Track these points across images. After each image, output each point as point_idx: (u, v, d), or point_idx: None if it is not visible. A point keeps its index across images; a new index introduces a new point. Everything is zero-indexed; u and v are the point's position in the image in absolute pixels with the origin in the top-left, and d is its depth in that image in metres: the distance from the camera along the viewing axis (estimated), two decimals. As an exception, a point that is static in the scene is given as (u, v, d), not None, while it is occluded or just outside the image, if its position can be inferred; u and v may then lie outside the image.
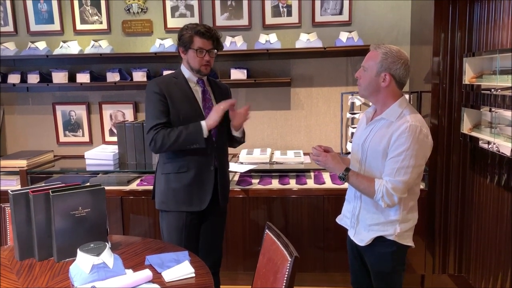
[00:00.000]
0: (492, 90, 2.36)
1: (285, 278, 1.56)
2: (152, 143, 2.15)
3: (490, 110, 2.47)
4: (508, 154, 2.23)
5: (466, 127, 2.72)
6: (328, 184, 3.01)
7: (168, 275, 1.65)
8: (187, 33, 2.18)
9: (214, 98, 2.32)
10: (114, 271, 1.62)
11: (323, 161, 1.91)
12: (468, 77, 2.65)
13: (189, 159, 2.21)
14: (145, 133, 2.22)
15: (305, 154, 3.37)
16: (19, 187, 3.15)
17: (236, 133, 2.34)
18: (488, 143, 2.43)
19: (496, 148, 2.35)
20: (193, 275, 1.68)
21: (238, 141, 2.42)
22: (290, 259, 1.57)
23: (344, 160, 2.04)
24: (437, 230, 2.94)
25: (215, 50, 2.24)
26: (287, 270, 1.57)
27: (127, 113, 3.64)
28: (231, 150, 2.50)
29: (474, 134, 2.63)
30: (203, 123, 2.16)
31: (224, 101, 2.21)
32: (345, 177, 1.86)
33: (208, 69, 2.24)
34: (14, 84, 3.46)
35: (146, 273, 1.62)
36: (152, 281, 1.61)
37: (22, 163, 3.21)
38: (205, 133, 2.15)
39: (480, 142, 2.53)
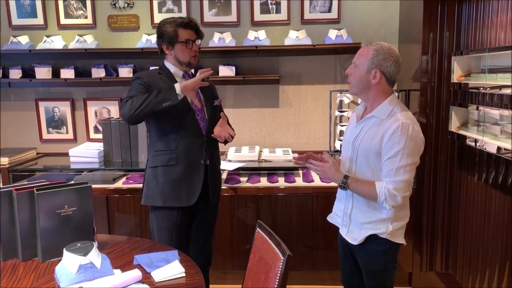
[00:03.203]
0: (481, 88, 2.38)
1: (278, 278, 1.53)
2: (123, 108, 2.03)
3: (477, 109, 2.49)
4: (495, 152, 2.25)
5: (454, 125, 2.74)
6: (317, 182, 3.00)
7: (158, 275, 1.62)
8: (170, 28, 2.13)
9: (201, 92, 2.28)
10: (102, 271, 1.57)
11: (322, 171, 1.88)
12: (456, 75, 2.67)
13: (179, 151, 2.15)
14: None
15: (293, 152, 3.36)
16: (0, 185, 3.07)
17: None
18: (476, 141, 2.45)
19: (483, 146, 2.37)
20: (184, 274, 1.65)
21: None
22: (282, 258, 1.55)
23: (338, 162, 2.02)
24: (425, 228, 2.95)
25: (199, 40, 2.22)
26: (280, 269, 1.54)
27: (113, 109, 3.57)
28: (219, 148, 2.47)
29: (461, 132, 2.65)
30: (176, 84, 2.03)
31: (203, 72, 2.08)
32: (345, 185, 1.84)
33: (196, 60, 2.23)
34: (-5, 80, 3.36)
35: (135, 273, 1.58)
36: (141, 281, 1.57)
37: (3, 161, 3.13)
38: (178, 90, 2.01)
39: (467, 140, 2.55)
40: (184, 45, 2.15)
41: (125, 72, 3.36)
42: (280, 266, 1.55)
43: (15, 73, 3.38)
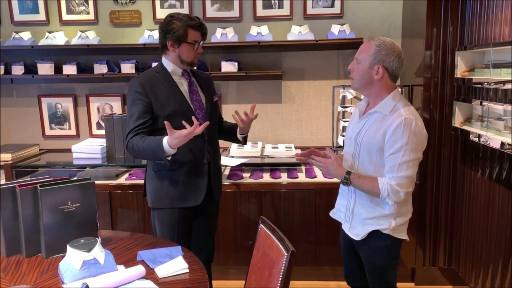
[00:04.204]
0: (485, 83, 2.36)
1: (281, 273, 1.53)
2: (128, 150, 2.10)
3: (481, 104, 2.48)
4: (498, 147, 2.24)
5: (457, 120, 2.73)
6: (320, 177, 3.00)
7: (161, 271, 1.62)
8: (180, 26, 2.09)
9: (200, 89, 2.27)
10: (106, 267, 1.58)
11: (324, 167, 1.88)
12: (460, 71, 2.66)
13: (181, 154, 2.12)
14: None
15: (296, 147, 3.35)
16: (3, 181, 3.07)
17: (240, 137, 2.37)
18: (479, 136, 2.44)
19: (487, 142, 2.36)
20: (187, 270, 1.65)
21: (238, 142, 2.43)
22: (286, 254, 1.55)
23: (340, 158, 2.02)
24: (428, 223, 2.95)
25: (203, 41, 2.20)
26: (283, 265, 1.54)
27: (115, 105, 3.57)
28: (221, 144, 2.47)
29: (465, 127, 2.64)
30: (164, 142, 1.96)
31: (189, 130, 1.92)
32: (347, 181, 1.83)
33: (198, 60, 2.23)
34: (-3, 76, 3.36)
35: (139, 269, 1.58)
36: (145, 277, 1.58)
37: (6, 157, 3.13)
38: (167, 148, 1.96)
39: (471, 135, 2.54)
40: (191, 46, 2.13)
41: (127, 68, 3.35)
42: (284, 262, 1.55)
43: (17, 69, 3.38)
